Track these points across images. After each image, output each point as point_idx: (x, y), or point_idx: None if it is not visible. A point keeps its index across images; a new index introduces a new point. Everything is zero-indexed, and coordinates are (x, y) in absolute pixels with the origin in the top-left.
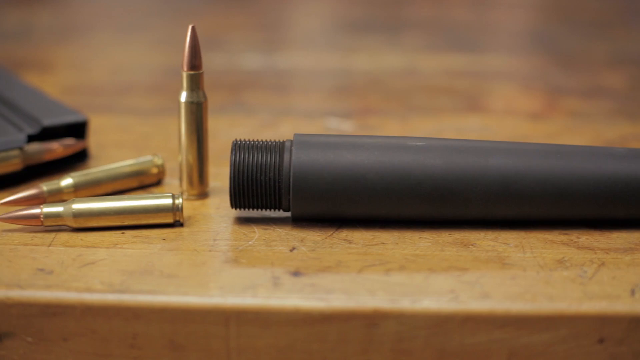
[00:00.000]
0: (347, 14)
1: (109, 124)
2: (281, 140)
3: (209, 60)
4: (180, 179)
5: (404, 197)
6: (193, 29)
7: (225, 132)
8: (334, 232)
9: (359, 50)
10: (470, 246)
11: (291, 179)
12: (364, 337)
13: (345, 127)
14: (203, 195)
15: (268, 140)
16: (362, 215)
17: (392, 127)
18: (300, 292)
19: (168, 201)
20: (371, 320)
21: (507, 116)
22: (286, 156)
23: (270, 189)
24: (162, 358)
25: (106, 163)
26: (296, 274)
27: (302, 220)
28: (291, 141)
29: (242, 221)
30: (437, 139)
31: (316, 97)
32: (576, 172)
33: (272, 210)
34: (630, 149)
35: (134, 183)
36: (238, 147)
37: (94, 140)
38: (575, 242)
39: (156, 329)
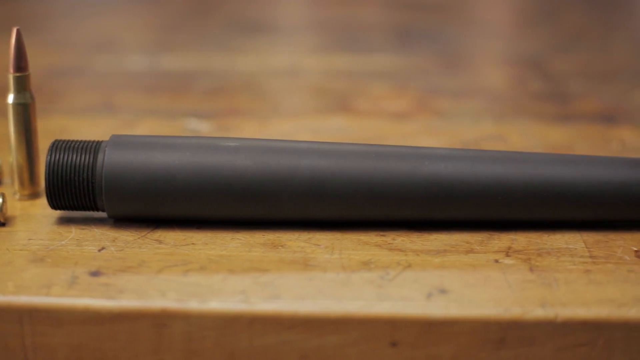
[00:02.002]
0: (237, 15)
1: None
2: (99, 141)
3: (93, 61)
4: (12, 179)
5: (215, 198)
6: (18, 31)
7: (81, 132)
8: (148, 233)
9: (244, 51)
10: (280, 247)
11: (103, 180)
12: (154, 337)
13: (202, 128)
14: (35, 195)
15: (87, 140)
16: (176, 216)
17: (248, 128)
18: (93, 292)
19: None
20: (159, 320)
21: (372, 117)
22: (100, 156)
23: (84, 190)
24: None
25: None
26: (95, 273)
27: (122, 220)
28: (107, 141)
29: (62, 221)
30: (251, 140)
31: (186, 98)
32: (391, 174)
33: (90, 210)
34: (451, 149)
35: None
36: (55, 147)
37: None
38: (389, 243)
39: None
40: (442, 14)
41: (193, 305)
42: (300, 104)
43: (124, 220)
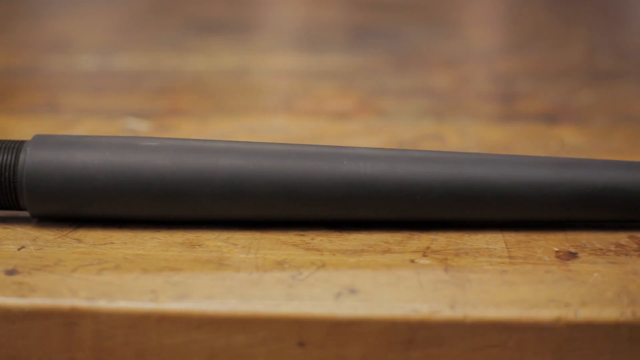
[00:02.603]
0: (193, 16)
1: None
2: (22, 141)
3: (44, 61)
4: None
5: (134, 197)
6: None
7: (20, 132)
8: (69, 232)
9: (195, 51)
10: (197, 247)
11: (24, 179)
12: (65, 335)
13: (141, 128)
14: None
15: (11, 140)
16: (96, 215)
17: (187, 128)
18: (6, 290)
19: None
20: (69, 318)
21: (313, 116)
22: (22, 156)
23: (7, 189)
24: None
25: None
26: (11, 272)
27: (45, 219)
28: (29, 141)
29: None
30: (171, 139)
31: (131, 98)
32: (309, 173)
33: (13, 209)
34: (372, 149)
35: None
36: None
37: None
38: (307, 243)
39: None
40: (403, 14)
41: (102, 304)
42: (243, 103)
43: (46, 219)
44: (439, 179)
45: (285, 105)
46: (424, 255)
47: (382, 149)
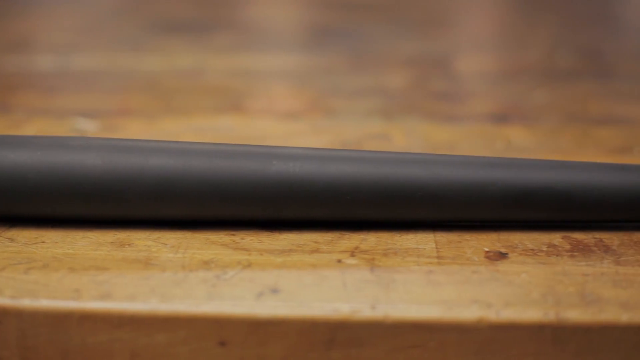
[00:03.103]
0: (155, 17)
1: None
2: None
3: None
4: None
5: (65, 196)
6: None
7: None
8: (2, 231)
9: (152, 51)
10: (126, 246)
11: None
12: None
13: (89, 127)
14: None
15: None
16: (28, 215)
17: (134, 128)
18: None
19: None
20: None
21: (262, 116)
22: None
23: None
24: None
25: None
26: None
27: None
28: None
29: None
30: (101, 139)
31: (84, 98)
32: (238, 173)
33: None
34: (303, 149)
35: None
36: None
37: None
38: (236, 243)
39: None
40: (364, 14)
41: (26, 302)
42: (193, 104)
43: None
44: (368, 178)
45: (235, 105)
46: (352, 255)
47: (313, 148)
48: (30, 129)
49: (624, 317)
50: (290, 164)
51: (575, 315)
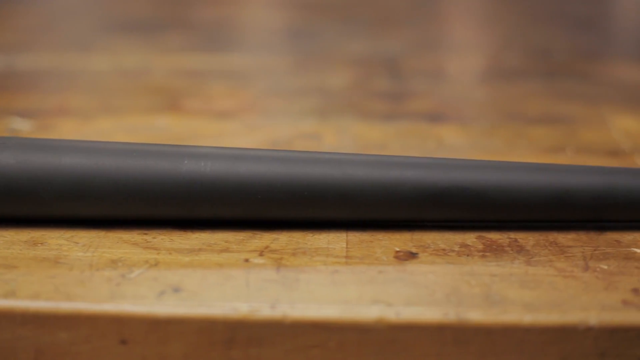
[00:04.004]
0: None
1: None
2: None
3: None
4: None
5: None
6: None
7: None
8: None
9: (100, 50)
10: (39, 245)
11: None
12: None
13: (24, 127)
14: None
15: None
16: None
17: (68, 127)
18: None
19: None
20: None
21: (197, 116)
22: None
23: None
24: None
25: None
26: None
27: None
28: None
29: None
30: (16, 138)
31: (23, 97)
32: (149, 172)
33: None
34: (215, 148)
35: None
36: None
37: None
38: (148, 242)
39: None
40: (313, 13)
41: None
42: (129, 103)
43: None
44: (279, 178)
45: (172, 105)
46: (261, 254)
47: (225, 147)
48: None
49: (527, 318)
50: (201, 163)
51: (476, 316)
